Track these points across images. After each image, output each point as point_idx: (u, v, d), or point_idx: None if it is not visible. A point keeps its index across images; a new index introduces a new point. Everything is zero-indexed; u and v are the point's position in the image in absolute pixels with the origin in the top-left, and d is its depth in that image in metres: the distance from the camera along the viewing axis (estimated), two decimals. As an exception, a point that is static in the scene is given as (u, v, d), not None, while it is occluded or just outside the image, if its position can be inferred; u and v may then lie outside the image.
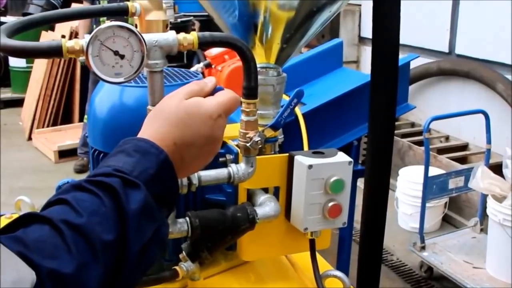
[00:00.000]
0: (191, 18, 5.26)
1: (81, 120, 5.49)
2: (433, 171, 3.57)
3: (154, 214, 0.74)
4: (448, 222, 4.09)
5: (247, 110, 0.99)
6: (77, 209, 0.67)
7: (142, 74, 1.20)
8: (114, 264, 0.67)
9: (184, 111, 0.82)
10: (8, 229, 0.65)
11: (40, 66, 6.01)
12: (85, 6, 4.38)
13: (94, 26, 4.62)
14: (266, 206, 1.13)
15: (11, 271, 0.56)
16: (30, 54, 0.87)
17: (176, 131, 0.81)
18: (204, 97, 0.86)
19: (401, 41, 0.98)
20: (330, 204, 1.10)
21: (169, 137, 0.80)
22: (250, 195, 1.18)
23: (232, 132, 1.13)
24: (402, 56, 2.07)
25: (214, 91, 0.89)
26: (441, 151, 4.45)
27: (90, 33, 0.84)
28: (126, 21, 0.89)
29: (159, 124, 0.82)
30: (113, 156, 0.78)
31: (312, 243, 1.19)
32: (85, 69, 5.44)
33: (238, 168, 1.04)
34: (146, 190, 0.73)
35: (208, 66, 2.09)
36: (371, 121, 1.02)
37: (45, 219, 0.65)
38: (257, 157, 1.05)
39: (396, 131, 4.08)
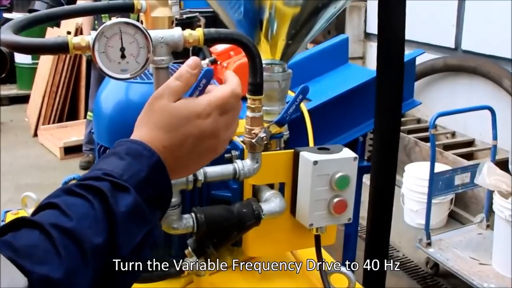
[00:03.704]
0: (197, 14, 5.26)
1: (86, 116, 5.50)
2: (439, 167, 3.56)
3: (144, 217, 0.73)
4: (454, 219, 4.08)
5: (253, 106, 0.99)
6: (67, 213, 0.66)
7: (148, 71, 1.20)
8: (104, 267, 0.66)
9: (171, 114, 0.80)
10: None
11: (46, 62, 6.02)
12: (91, 2, 4.37)
13: (96, 22, 4.63)
14: (271, 202, 1.13)
15: (5, 276, 0.56)
16: (36, 50, 0.87)
17: (164, 134, 0.80)
18: (193, 90, 0.84)
19: (407, 37, 0.98)
20: (336, 200, 1.10)
21: (158, 140, 0.79)
22: (256, 191, 1.18)
23: (238, 128, 1.13)
24: (408, 52, 2.06)
25: (204, 74, 0.85)
26: (447, 147, 4.43)
27: (93, 29, 0.84)
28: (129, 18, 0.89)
29: (148, 128, 0.81)
30: (106, 158, 0.78)
31: (317, 239, 1.19)
32: (91, 65, 5.45)
33: (244, 164, 1.04)
34: (136, 193, 0.72)
35: (214, 62, 2.10)
36: (377, 117, 1.02)
37: (34, 223, 0.65)
38: (262, 153, 1.05)
39: (402, 127, 4.07)
